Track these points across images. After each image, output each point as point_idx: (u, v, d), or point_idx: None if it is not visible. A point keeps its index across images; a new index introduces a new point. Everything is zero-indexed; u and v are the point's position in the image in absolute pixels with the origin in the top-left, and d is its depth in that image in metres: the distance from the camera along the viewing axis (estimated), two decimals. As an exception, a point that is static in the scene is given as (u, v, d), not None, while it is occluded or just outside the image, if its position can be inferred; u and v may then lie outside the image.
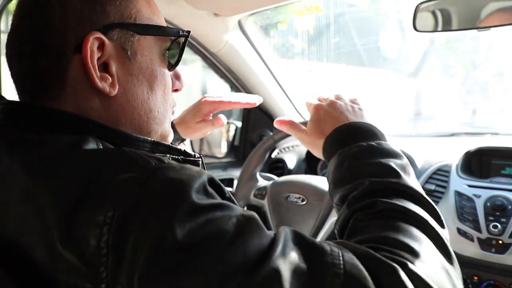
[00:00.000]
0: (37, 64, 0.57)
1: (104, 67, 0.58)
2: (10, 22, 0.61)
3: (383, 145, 0.67)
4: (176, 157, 0.61)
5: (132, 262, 0.42)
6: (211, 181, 0.49)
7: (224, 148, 1.90)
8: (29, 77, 0.58)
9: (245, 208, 1.41)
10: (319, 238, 1.22)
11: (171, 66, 0.65)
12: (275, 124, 0.87)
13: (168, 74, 0.65)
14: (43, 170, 0.49)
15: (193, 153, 0.64)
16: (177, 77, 0.69)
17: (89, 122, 0.56)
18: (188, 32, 0.65)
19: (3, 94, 0.79)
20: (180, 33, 0.64)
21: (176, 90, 0.69)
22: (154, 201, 0.44)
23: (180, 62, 0.66)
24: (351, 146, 0.67)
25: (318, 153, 0.79)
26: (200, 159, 0.64)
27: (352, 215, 0.59)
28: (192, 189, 0.45)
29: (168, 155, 0.60)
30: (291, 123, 0.86)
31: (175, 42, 0.64)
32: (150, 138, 0.60)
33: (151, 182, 0.45)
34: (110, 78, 0.58)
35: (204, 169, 0.63)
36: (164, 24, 0.65)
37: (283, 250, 0.44)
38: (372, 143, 0.67)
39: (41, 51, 0.56)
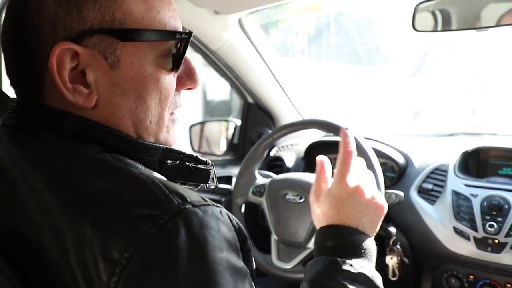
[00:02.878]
0: (16, 68, 0.55)
1: (83, 77, 0.53)
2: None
3: (369, 275, 0.67)
4: (188, 163, 0.59)
5: None
6: (233, 229, 0.49)
7: (223, 146, 1.91)
8: (12, 78, 0.57)
9: (243, 206, 1.41)
10: (317, 235, 1.22)
11: (172, 69, 0.58)
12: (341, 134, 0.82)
13: (167, 78, 0.58)
14: (61, 190, 0.48)
15: (204, 160, 0.61)
16: (189, 74, 0.62)
17: (102, 129, 0.54)
18: (190, 33, 0.58)
19: (4, 90, 0.79)
20: (178, 36, 0.57)
21: (189, 89, 0.63)
22: (171, 255, 0.43)
23: (181, 64, 0.59)
24: (343, 261, 0.67)
25: (315, 220, 0.80)
26: (212, 167, 0.62)
27: None
28: (210, 246, 0.45)
29: (179, 161, 0.59)
30: (322, 170, 0.85)
31: (174, 43, 0.57)
32: (162, 145, 0.58)
33: (171, 230, 0.44)
34: (86, 90, 0.53)
35: (215, 174, 0.63)
36: (169, 18, 0.57)
37: None
38: (362, 271, 0.67)
39: (19, 55, 0.54)
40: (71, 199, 0.47)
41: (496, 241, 1.14)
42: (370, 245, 0.72)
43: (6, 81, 0.58)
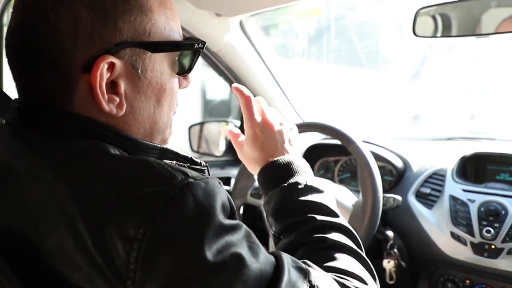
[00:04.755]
0: (42, 80, 0.54)
1: (112, 86, 0.55)
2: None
3: (315, 184, 0.74)
4: (183, 164, 0.61)
5: (160, 279, 0.45)
6: (228, 198, 0.52)
7: (222, 147, 1.91)
8: (33, 90, 0.56)
9: (242, 208, 1.42)
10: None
11: (182, 73, 0.63)
12: (233, 89, 0.84)
13: (176, 81, 0.63)
14: (69, 176, 0.49)
15: (199, 161, 0.64)
16: (185, 76, 0.66)
17: (103, 127, 0.55)
18: (204, 43, 0.63)
19: (4, 89, 0.79)
20: (196, 46, 0.62)
21: (184, 87, 0.67)
22: (184, 223, 0.46)
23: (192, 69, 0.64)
24: (290, 183, 0.73)
25: (252, 171, 0.83)
26: (206, 167, 0.64)
27: (302, 245, 0.66)
28: (217, 211, 0.48)
29: (175, 162, 0.60)
30: (232, 134, 0.87)
31: (188, 51, 0.62)
32: (159, 145, 0.60)
33: (180, 202, 0.47)
34: (117, 99, 0.55)
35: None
36: (179, 26, 0.61)
37: (288, 279, 0.51)
38: (308, 183, 0.73)
39: (47, 67, 0.53)
40: (78, 184, 0.48)
41: (493, 246, 1.15)
42: (298, 161, 0.77)
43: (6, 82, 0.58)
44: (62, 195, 0.48)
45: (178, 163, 0.61)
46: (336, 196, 1.24)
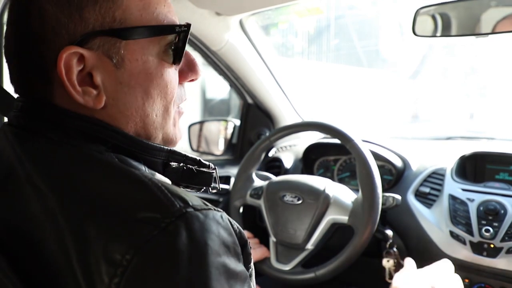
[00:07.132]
0: (25, 76, 0.56)
1: (90, 78, 0.54)
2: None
3: None
4: (191, 166, 0.60)
5: None
6: (232, 233, 0.49)
7: (221, 146, 1.91)
8: (21, 88, 0.57)
9: (241, 209, 1.42)
10: (315, 236, 1.23)
11: (174, 62, 0.60)
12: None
13: (170, 71, 0.59)
14: (63, 191, 0.49)
15: (207, 163, 0.62)
16: (190, 67, 0.64)
17: (108, 129, 0.55)
18: (188, 25, 0.59)
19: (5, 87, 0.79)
20: (177, 30, 0.58)
21: (192, 80, 0.65)
22: (173, 258, 0.43)
23: (182, 57, 0.60)
24: None
25: None
26: (214, 170, 0.63)
27: None
28: (211, 250, 0.45)
29: (183, 164, 0.60)
30: None
31: (174, 36, 0.59)
32: (165, 147, 0.59)
33: (173, 233, 0.44)
34: (94, 91, 0.54)
35: (217, 178, 0.64)
36: (164, 12, 0.58)
37: None
38: None
39: (26, 63, 0.55)
40: (73, 202, 0.48)
41: (492, 245, 1.15)
42: None
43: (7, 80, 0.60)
44: (56, 210, 0.47)
45: (186, 165, 0.60)
46: (335, 194, 1.25)
